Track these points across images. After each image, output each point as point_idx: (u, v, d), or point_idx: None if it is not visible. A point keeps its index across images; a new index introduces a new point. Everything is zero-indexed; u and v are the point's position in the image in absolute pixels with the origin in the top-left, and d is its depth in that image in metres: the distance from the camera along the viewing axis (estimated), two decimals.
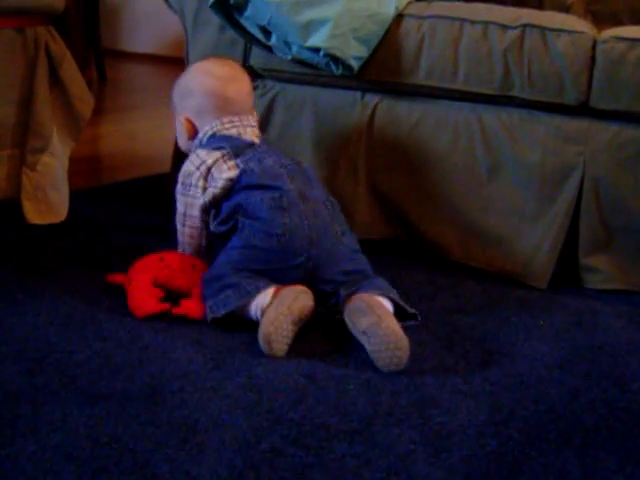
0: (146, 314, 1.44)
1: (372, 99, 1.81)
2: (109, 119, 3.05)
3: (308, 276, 1.46)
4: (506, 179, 1.72)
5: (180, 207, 1.60)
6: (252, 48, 1.88)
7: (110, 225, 1.97)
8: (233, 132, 1.61)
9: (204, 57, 1.88)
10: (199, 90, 1.64)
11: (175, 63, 5.22)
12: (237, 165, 1.54)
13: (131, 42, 5.51)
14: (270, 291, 1.41)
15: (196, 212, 1.58)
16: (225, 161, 1.56)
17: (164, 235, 1.73)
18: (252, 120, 1.66)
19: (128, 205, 2.14)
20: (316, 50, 1.70)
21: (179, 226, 1.61)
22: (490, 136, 1.72)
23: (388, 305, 1.42)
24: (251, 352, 1.35)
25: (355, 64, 1.71)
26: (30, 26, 1.94)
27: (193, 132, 1.64)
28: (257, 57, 1.89)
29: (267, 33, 1.78)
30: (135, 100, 3.98)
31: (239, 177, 1.53)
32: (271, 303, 1.38)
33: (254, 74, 1.92)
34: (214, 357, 1.32)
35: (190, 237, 1.60)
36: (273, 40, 1.77)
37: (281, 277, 1.45)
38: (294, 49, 1.75)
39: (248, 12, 1.75)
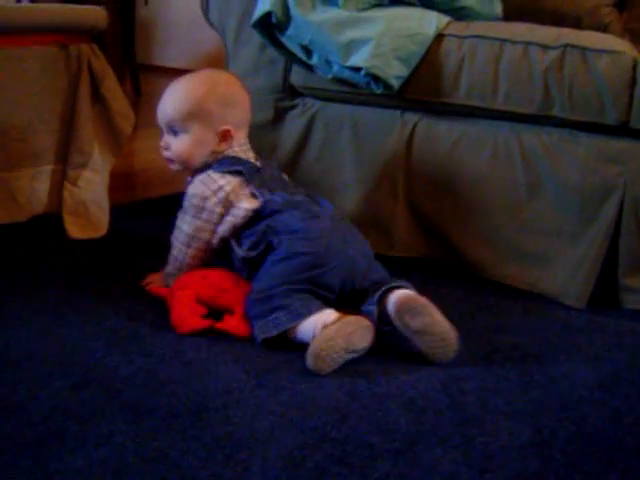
0: (189, 331, 1.46)
1: (412, 118, 1.82)
2: (144, 134, 3.06)
3: (349, 275, 1.49)
4: (546, 199, 1.72)
5: (187, 228, 1.59)
6: (292, 66, 1.91)
7: (149, 240, 1.99)
8: (250, 155, 1.64)
9: (245, 75, 1.91)
10: (243, 103, 1.64)
11: None
12: (254, 195, 1.56)
13: (164, 57, 5.57)
14: (330, 312, 1.41)
15: (206, 236, 1.58)
16: (242, 189, 1.58)
17: None
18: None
19: (166, 221, 2.15)
20: (357, 69, 1.72)
21: (181, 246, 1.60)
22: (530, 156, 1.72)
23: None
24: (293, 370, 1.36)
25: (395, 83, 1.72)
26: (73, 43, 1.97)
27: (225, 147, 1.62)
28: (297, 75, 1.91)
29: (308, 52, 1.79)
30: None
31: (263, 207, 1.55)
32: (333, 324, 1.37)
33: (294, 92, 1.94)
34: (256, 374, 1.33)
35: (192, 258, 1.60)
36: (314, 59, 1.78)
37: (328, 279, 1.46)
38: (335, 68, 1.76)
39: (290, 31, 1.77)
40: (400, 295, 1.43)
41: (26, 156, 1.92)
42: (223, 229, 1.57)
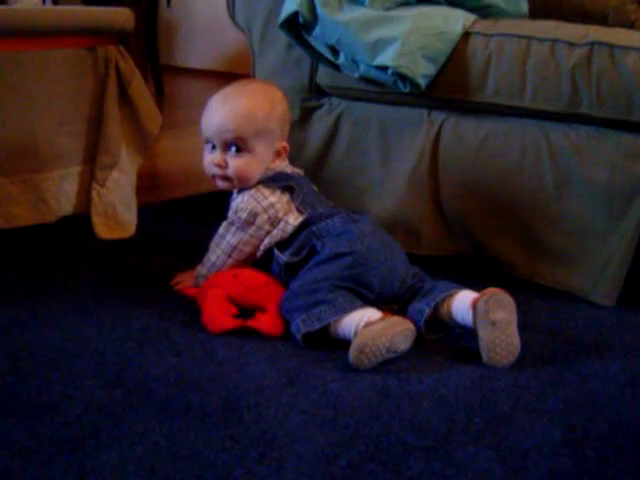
0: (220, 330, 1.47)
1: (439, 116, 1.82)
2: (167, 135, 3.08)
3: (389, 278, 1.51)
4: (574, 197, 1.71)
5: (232, 240, 1.60)
6: (319, 66, 1.91)
7: (177, 240, 2.00)
8: (297, 170, 1.68)
9: (271, 76, 1.94)
10: (288, 118, 1.66)
11: (229, 78, 5.29)
12: (299, 210, 1.59)
13: (186, 58, 5.59)
14: (373, 311, 1.42)
15: (249, 250, 1.60)
16: (290, 207, 1.59)
17: None
18: None
19: (192, 221, 2.17)
20: (384, 68, 1.72)
21: (221, 253, 1.61)
22: (558, 153, 1.71)
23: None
24: (324, 369, 1.36)
25: (422, 82, 1.72)
26: (101, 45, 1.98)
27: (279, 163, 1.64)
28: (324, 75, 1.91)
29: (335, 52, 1.80)
30: (192, 116, 4.00)
31: (305, 222, 1.57)
32: (379, 321, 1.38)
33: (320, 92, 1.94)
34: (288, 373, 1.34)
35: (229, 266, 1.61)
36: (341, 59, 1.79)
37: (369, 279, 1.48)
38: (362, 67, 1.76)
39: (317, 31, 1.77)
40: (484, 291, 1.44)
41: (55, 157, 1.93)
42: (269, 242, 1.59)
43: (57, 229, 1.98)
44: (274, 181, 1.60)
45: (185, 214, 2.24)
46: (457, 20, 1.76)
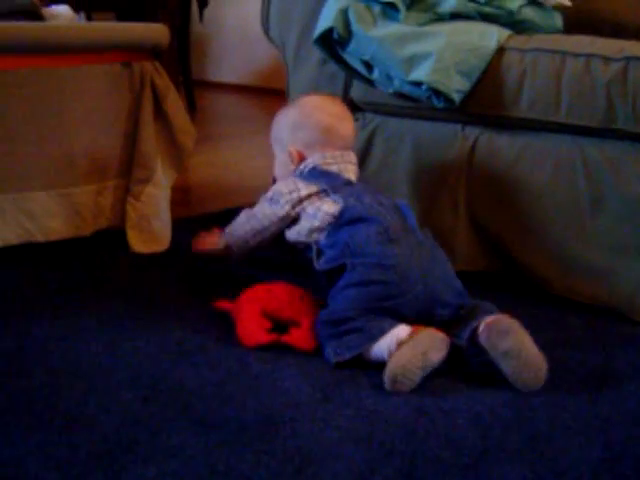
0: (255, 344, 1.47)
1: (472, 132, 1.82)
2: (199, 148, 3.10)
3: (427, 305, 1.46)
4: (609, 212, 1.70)
5: (257, 211, 1.69)
6: (352, 81, 1.92)
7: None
8: (334, 168, 1.67)
9: (305, 90, 1.93)
10: (313, 125, 1.70)
11: (260, 93, 5.35)
12: (336, 201, 1.58)
13: (217, 72, 5.63)
14: (403, 328, 1.39)
15: (265, 223, 1.67)
16: (320, 198, 1.61)
17: (266, 266, 1.77)
18: (353, 157, 1.72)
19: None
20: (418, 84, 1.72)
21: (244, 221, 1.71)
22: (593, 169, 1.70)
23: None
24: (358, 384, 1.36)
25: (457, 97, 1.72)
26: (137, 61, 2.01)
27: (299, 163, 1.70)
28: (357, 90, 1.92)
29: (369, 67, 1.80)
30: (224, 130, 4.05)
31: (342, 213, 1.55)
32: (407, 342, 1.35)
33: (354, 107, 1.95)
34: (323, 388, 1.34)
35: (247, 240, 1.70)
36: (375, 74, 1.79)
37: (402, 310, 1.44)
38: (396, 83, 1.77)
39: (351, 47, 1.78)
40: (489, 318, 1.40)
41: (91, 172, 1.96)
42: (301, 232, 1.61)
43: (92, 242, 1.99)
44: (309, 175, 1.67)
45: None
46: (492, 35, 1.75)
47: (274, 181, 1.79)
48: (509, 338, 1.35)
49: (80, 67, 1.92)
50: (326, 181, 1.63)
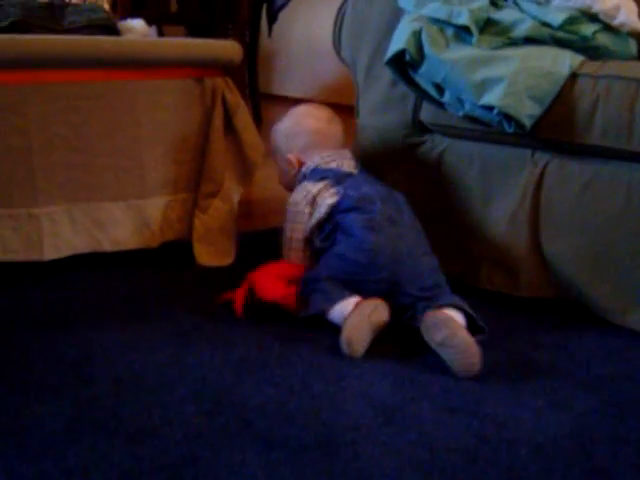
0: (272, 298, 1.67)
1: (542, 157, 1.80)
2: (263, 162, 3.14)
3: (389, 289, 1.65)
4: None
5: (287, 233, 1.83)
6: (422, 103, 1.92)
7: None
8: (333, 165, 1.86)
9: (375, 111, 1.95)
10: (305, 130, 1.93)
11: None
12: (337, 192, 1.77)
13: (284, 86, 5.68)
14: (352, 301, 1.60)
15: (300, 235, 1.80)
16: (327, 189, 1.79)
17: None
18: (348, 153, 1.91)
19: None
20: (489, 108, 1.71)
21: (285, 250, 1.84)
22: None
23: (460, 318, 1.57)
24: (420, 408, 1.36)
25: (528, 122, 1.71)
26: (209, 77, 2.04)
27: (299, 168, 1.90)
28: (427, 112, 1.92)
29: (440, 89, 1.80)
30: None
31: (339, 202, 1.74)
32: (353, 312, 1.55)
33: (423, 129, 1.95)
34: (384, 411, 1.34)
35: (295, 258, 1.82)
36: (446, 97, 1.79)
37: (366, 288, 1.63)
38: (467, 106, 1.76)
39: (423, 69, 1.78)
40: (428, 312, 1.56)
41: (160, 185, 1.99)
42: (311, 224, 1.78)
43: (159, 254, 2.02)
44: (313, 175, 1.85)
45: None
46: (565, 61, 1.74)
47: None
48: (443, 330, 1.50)
49: (153, 81, 1.96)
50: (330, 175, 1.82)
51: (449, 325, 1.51)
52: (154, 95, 1.96)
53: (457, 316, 1.57)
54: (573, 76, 1.73)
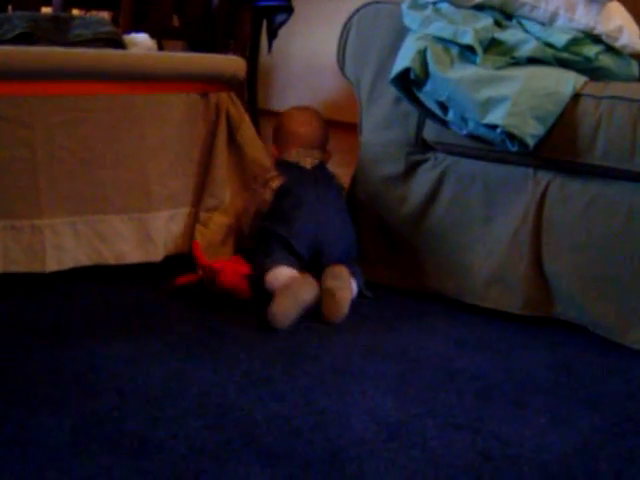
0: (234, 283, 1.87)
1: (545, 176, 1.81)
2: None
3: (315, 252, 1.95)
4: None
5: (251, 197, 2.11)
6: (426, 121, 1.93)
7: None
8: (293, 160, 2.09)
9: (378, 128, 1.97)
10: (283, 130, 2.18)
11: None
12: (281, 180, 2.03)
13: (282, 102, 5.68)
14: (285, 273, 1.84)
15: (252, 209, 2.08)
16: (278, 178, 2.04)
17: None
18: (315, 153, 2.12)
19: None
20: (493, 127, 1.72)
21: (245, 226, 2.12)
22: None
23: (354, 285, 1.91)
24: (423, 425, 1.36)
25: (531, 142, 1.72)
26: (213, 91, 2.05)
27: (277, 156, 2.16)
28: (430, 130, 1.93)
29: (444, 108, 1.81)
30: None
31: (279, 187, 2.02)
32: (282, 288, 1.77)
33: (426, 146, 1.96)
34: (389, 427, 1.34)
35: (246, 226, 2.10)
36: (450, 115, 1.80)
37: (298, 248, 1.93)
38: (471, 125, 1.77)
39: (427, 87, 1.79)
40: (337, 265, 1.90)
41: (164, 198, 2.00)
42: (258, 203, 2.05)
43: (162, 267, 2.03)
44: (277, 166, 2.12)
45: None
46: (568, 81, 1.75)
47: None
48: (335, 280, 1.83)
49: (158, 95, 1.97)
50: (284, 168, 2.07)
51: (343, 278, 1.85)
52: (159, 109, 1.97)
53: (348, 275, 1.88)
54: (576, 96, 1.74)
